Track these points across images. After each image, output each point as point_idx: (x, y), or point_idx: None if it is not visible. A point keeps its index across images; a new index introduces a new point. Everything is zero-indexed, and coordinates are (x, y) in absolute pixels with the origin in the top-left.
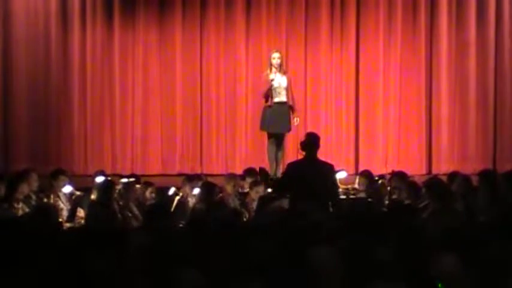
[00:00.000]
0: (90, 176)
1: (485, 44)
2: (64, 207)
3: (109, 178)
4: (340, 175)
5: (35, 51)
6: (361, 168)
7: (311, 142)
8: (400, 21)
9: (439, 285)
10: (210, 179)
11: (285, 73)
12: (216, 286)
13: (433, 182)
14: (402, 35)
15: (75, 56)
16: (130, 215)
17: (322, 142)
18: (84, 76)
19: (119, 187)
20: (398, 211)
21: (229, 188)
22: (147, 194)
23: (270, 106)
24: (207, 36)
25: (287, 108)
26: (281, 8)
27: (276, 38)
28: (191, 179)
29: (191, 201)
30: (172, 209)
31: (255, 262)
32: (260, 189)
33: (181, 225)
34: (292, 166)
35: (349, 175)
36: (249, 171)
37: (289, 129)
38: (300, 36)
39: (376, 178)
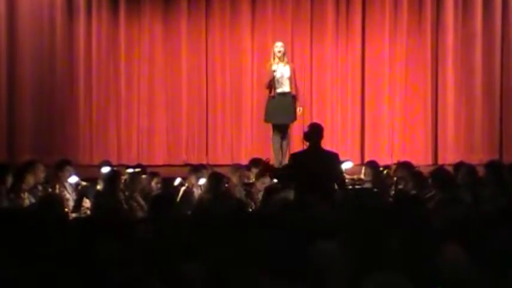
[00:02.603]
0: (95, 166)
1: (492, 35)
2: (70, 197)
3: (115, 168)
4: (346, 165)
5: (40, 42)
6: (367, 159)
7: (314, 132)
8: (406, 11)
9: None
10: (215, 170)
11: (288, 63)
12: (221, 277)
13: (439, 172)
14: (408, 25)
15: (81, 46)
16: (136, 205)
17: (328, 133)
18: (89, 67)
19: (124, 177)
20: (404, 201)
21: (234, 179)
22: (153, 184)
23: (273, 97)
24: (212, 27)
25: (290, 99)
26: None
27: (282, 29)
28: (197, 169)
29: (197, 192)
30: (178, 200)
31: (260, 253)
32: (266, 180)
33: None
34: (296, 156)
35: (355, 165)
36: (255, 162)
37: (293, 119)
38: (306, 27)
39: (382, 168)
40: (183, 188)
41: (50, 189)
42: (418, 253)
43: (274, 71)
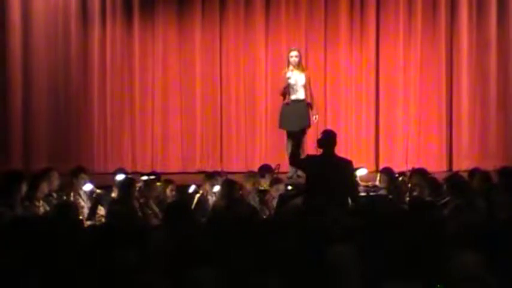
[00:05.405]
0: (110, 173)
1: (506, 41)
2: (84, 205)
3: (129, 176)
4: (361, 172)
5: (55, 49)
6: (381, 165)
7: (328, 139)
8: (420, 17)
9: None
10: (229, 177)
11: (303, 71)
12: (236, 283)
13: (453, 179)
14: (422, 31)
15: (95, 54)
16: (150, 212)
17: (342, 139)
18: (104, 74)
19: (139, 185)
20: (419, 208)
21: (248, 186)
22: (168, 191)
23: (287, 104)
24: (226, 35)
25: (305, 106)
26: (300, 5)
27: (295, 35)
28: (211, 176)
29: (211, 199)
30: (192, 207)
31: (274, 259)
32: (280, 187)
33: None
34: (310, 159)
35: (369, 172)
36: (267, 169)
37: (308, 126)
38: (320, 33)
39: (397, 175)
40: (197, 195)
41: (64, 197)
42: (432, 259)
43: (288, 77)
